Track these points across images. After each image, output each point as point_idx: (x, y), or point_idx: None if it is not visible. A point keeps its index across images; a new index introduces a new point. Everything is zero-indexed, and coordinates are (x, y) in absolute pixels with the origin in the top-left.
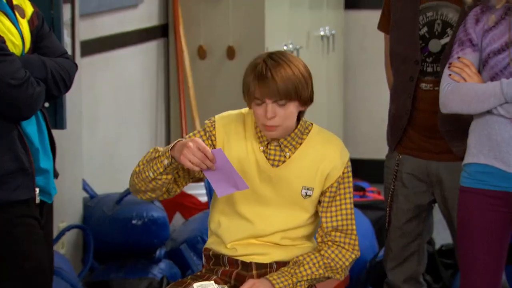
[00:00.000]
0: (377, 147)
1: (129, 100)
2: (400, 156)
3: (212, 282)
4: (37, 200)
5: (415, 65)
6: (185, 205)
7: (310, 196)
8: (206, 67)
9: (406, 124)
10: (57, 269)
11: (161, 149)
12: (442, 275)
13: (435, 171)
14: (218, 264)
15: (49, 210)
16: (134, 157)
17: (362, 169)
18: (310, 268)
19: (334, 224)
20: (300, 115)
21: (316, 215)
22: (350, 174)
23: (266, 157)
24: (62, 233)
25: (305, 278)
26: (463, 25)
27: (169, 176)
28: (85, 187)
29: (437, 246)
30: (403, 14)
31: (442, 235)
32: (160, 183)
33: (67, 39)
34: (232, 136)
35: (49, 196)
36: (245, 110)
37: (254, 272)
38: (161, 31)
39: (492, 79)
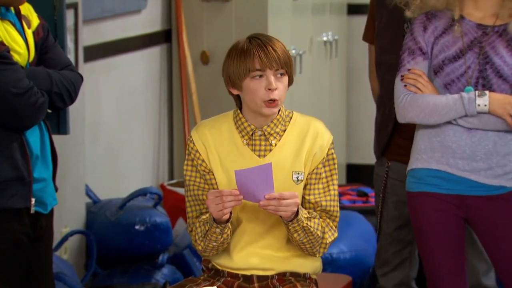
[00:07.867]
0: None
1: (132, 105)
2: (389, 163)
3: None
4: (32, 211)
5: None
6: None
7: (302, 180)
8: (209, 73)
9: (392, 132)
10: (59, 274)
11: (202, 218)
12: None
13: None
14: (218, 275)
15: (48, 219)
16: (137, 162)
17: (364, 174)
18: (317, 223)
19: (323, 203)
20: None
21: None
22: (335, 156)
23: (251, 149)
24: (65, 238)
25: (311, 230)
26: (410, 33)
27: (228, 231)
28: (88, 192)
29: None
30: (388, 23)
31: None
32: (227, 241)
33: (70, 44)
34: (209, 142)
35: (44, 207)
36: (218, 116)
37: (256, 284)
38: (164, 37)
39: (447, 85)
